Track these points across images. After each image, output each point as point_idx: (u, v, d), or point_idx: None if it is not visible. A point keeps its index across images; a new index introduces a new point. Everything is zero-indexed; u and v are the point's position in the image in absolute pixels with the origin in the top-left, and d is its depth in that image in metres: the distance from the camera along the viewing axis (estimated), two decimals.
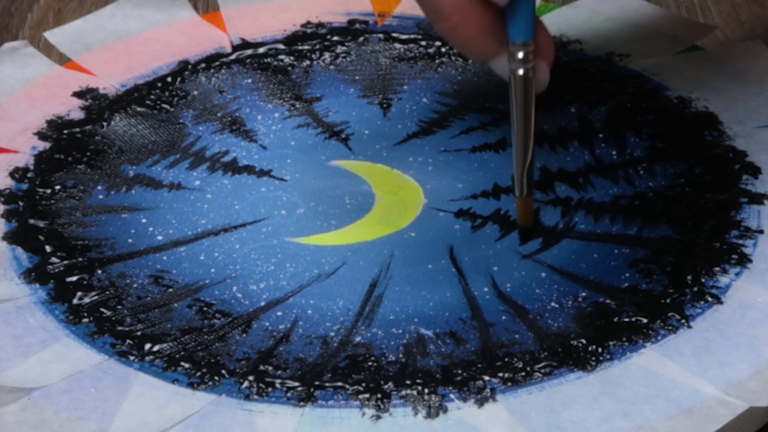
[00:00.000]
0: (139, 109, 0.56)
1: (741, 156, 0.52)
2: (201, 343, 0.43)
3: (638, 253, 0.47)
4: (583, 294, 0.45)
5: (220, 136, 0.54)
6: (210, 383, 0.42)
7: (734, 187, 0.50)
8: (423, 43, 0.60)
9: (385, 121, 0.55)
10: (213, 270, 0.47)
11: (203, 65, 0.59)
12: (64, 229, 0.49)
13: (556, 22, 0.61)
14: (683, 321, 0.44)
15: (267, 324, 0.44)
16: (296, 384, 0.42)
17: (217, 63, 0.59)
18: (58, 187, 0.51)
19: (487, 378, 0.42)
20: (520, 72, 0.44)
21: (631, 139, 0.53)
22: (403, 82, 0.58)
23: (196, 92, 0.57)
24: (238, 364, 0.43)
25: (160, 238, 0.49)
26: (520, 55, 0.44)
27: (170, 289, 0.46)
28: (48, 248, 0.48)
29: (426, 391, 0.41)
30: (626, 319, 0.44)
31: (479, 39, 0.44)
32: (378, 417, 0.40)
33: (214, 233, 0.49)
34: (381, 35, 0.61)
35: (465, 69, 0.58)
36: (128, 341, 0.44)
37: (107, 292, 0.46)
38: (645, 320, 0.44)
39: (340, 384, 0.41)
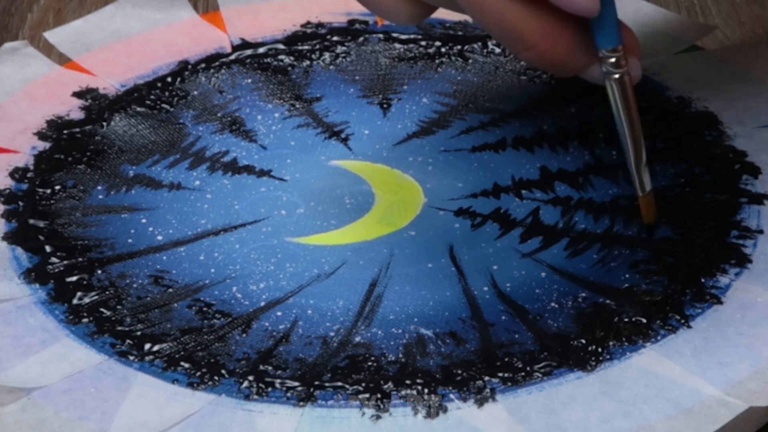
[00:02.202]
0: (139, 109, 0.56)
1: (741, 156, 0.52)
2: (201, 343, 0.43)
3: (638, 254, 0.47)
4: (583, 294, 0.45)
5: (220, 136, 0.54)
6: (210, 383, 0.42)
7: (734, 187, 0.50)
8: (423, 43, 0.60)
9: (385, 121, 0.55)
10: (213, 270, 0.47)
11: (203, 65, 0.59)
12: (64, 229, 0.49)
13: None
14: (683, 321, 0.44)
15: (267, 324, 0.44)
16: (296, 384, 0.42)
17: (217, 63, 0.59)
18: (58, 187, 0.51)
19: (487, 378, 0.42)
20: (616, 77, 0.44)
21: None
22: (403, 82, 0.58)
23: (196, 92, 0.57)
24: (237, 364, 0.43)
25: (160, 238, 0.49)
26: (612, 60, 0.43)
27: (170, 289, 0.46)
28: (48, 248, 0.48)
29: (426, 391, 0.41)
30: (626, 320, 0.44)
31: (569, 57, 0.43)
32: (378, 417, 0.40)
33: (214, 233, 0.49)
34: (381, 35, 0.61)
35: (465, 69, 0.58)
36: (128, 341, 0.44)
37: (107, 292, 0.46)
38: (645, 320, 0.44)
39: (340, 384, 0.41)
